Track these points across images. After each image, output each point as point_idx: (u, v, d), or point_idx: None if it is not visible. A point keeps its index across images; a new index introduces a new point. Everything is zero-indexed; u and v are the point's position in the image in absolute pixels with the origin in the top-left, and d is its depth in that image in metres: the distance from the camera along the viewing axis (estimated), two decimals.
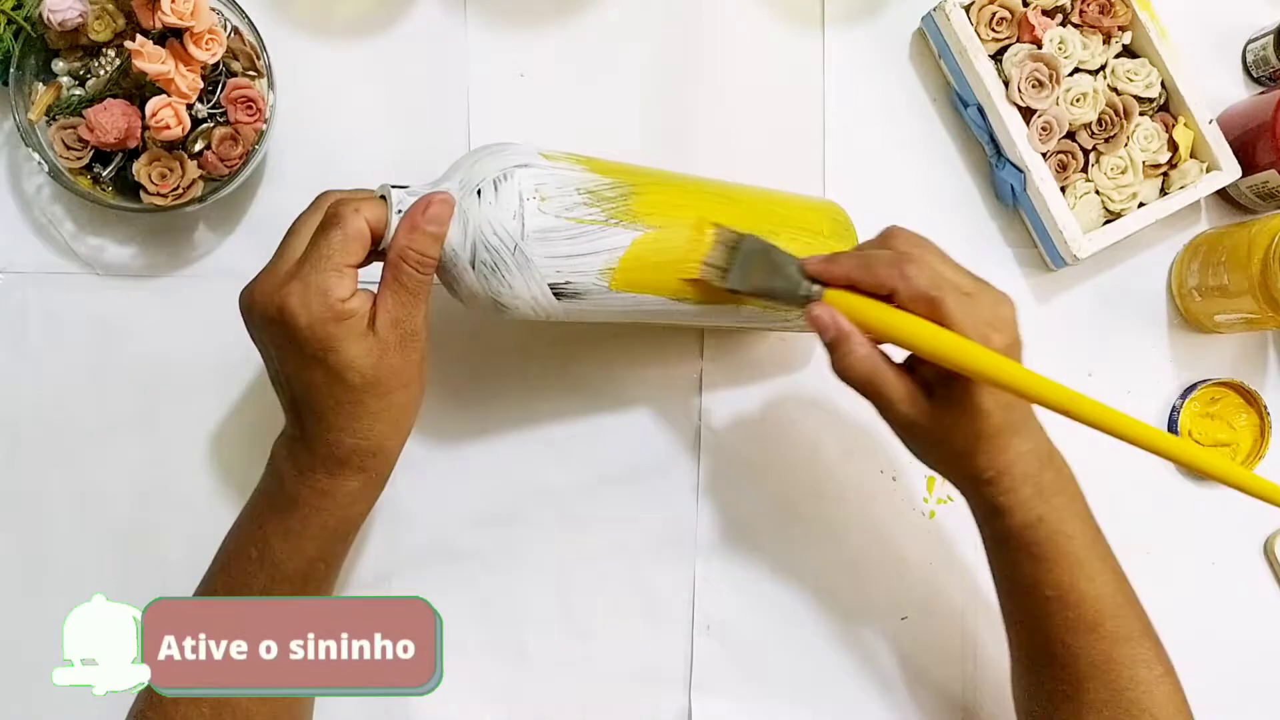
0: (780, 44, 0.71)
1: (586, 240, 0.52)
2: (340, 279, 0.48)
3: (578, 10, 0.70)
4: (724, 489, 0.69)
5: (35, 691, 0.65)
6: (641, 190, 0.55)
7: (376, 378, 0.49)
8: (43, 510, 0.66)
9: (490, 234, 0.50)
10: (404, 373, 0.50)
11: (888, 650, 0.70)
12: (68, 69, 0.61)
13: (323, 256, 0.48)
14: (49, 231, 0.66)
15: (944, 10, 0.68)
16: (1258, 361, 0.74)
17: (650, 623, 0.69)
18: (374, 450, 0.51)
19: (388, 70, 0.68)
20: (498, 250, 0.50)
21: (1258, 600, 0.73)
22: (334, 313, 0.48)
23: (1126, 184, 0.69)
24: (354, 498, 0.52)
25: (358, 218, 0.49)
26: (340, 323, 0.48)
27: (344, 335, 0.48)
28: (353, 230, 0.49)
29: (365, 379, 0.49)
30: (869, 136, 0.72)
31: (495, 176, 0.51)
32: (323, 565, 0.53)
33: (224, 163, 0.61)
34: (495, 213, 0.50)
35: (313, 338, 0.48)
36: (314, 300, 0.48)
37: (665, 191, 0.56)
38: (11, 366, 0.66)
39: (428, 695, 0.49)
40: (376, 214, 0.50)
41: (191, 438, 0.66)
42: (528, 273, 0.51)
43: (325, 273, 0.48)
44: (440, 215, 0.50)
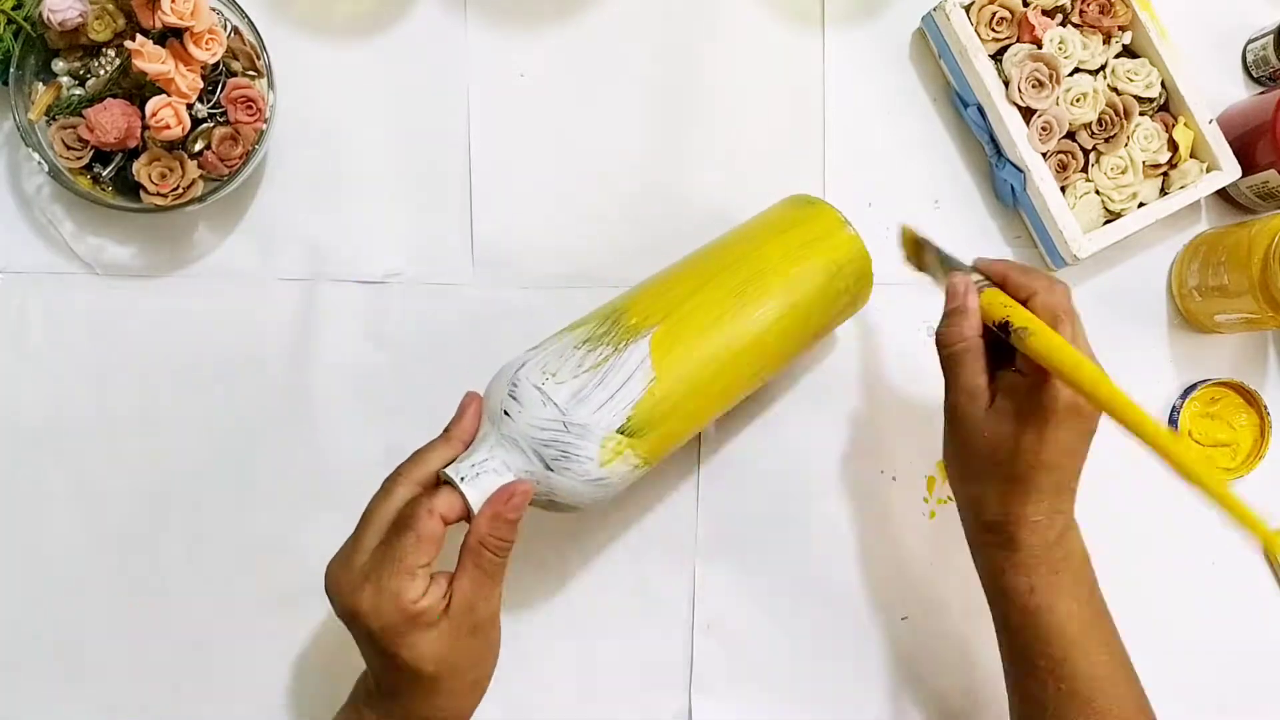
0: (780, 44, 0.71)
1: (614, 375, 0.53)
2: (412, 581, 0.49)
3: (578, 10, 0.70)
4: (724, 489, 0.69)
5: (35, 692, 0.65)
6: (624, 308, 0.57)
7: (453, 664, 0.50)
8: (43, 510, 0.66)
9: (539, 432, 0.52)
10: (478, 653, 0.52)
11: (887, 650, 0.70)
12: (68, 69, 0.61)
13: (395, 559, 0.49)
14: (49, 231, 0.66)
15: (944, 10, 0.68)
16: (1258, 361, 0.74)
17: (650, 623, 0.69)
18: (449, 717, 0.52)
19: (388, 70, 0.68)
20: (555, 440, 0.52)
21: (1258, 600, 0.73)
22: (406, 615, 0.49)
23: (1126, 184, 0.69)
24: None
25: (432, 519, 0.50)
26: (416, 624, 0.49)
27: (416, 632, 0.49)
28: (426, 533, 0.50)
29: (439, 667, 0.50)
30: (869, 136, 0.72)
31: (508, 391, 0.53)
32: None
33: (224, 163, 0.61)
34: (529, 415, 0.52)
35: (385, 639, 0.49)
36: (386, 604, 0.48)
37: (646, 295, 0.58)
38: (11, 366, 0.66)
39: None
40: (448, 506, 0.51)
41: (191, 437, 0.66)
42: (590, 436, 0.52)
43: (398, 576, 0.49)
44: (521, 504, 0.51)
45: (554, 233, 0.69)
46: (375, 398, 0.67)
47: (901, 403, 0.71)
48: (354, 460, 0.66)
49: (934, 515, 0.71)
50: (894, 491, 0.71)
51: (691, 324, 0.57)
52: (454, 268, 0.68)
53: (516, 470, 0.52)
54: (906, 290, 0.70)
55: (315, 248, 0.67)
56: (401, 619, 0.49)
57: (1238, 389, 0.72)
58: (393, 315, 0.68)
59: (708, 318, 0.57)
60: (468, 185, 0.69)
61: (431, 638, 0.49)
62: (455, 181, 0.69)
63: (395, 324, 0.68)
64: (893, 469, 0.71)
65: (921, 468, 0.71)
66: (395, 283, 0.68)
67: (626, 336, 0.55)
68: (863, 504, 0.70)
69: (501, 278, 0.69)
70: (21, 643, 0.65)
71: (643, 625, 0.69)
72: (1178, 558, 0.72)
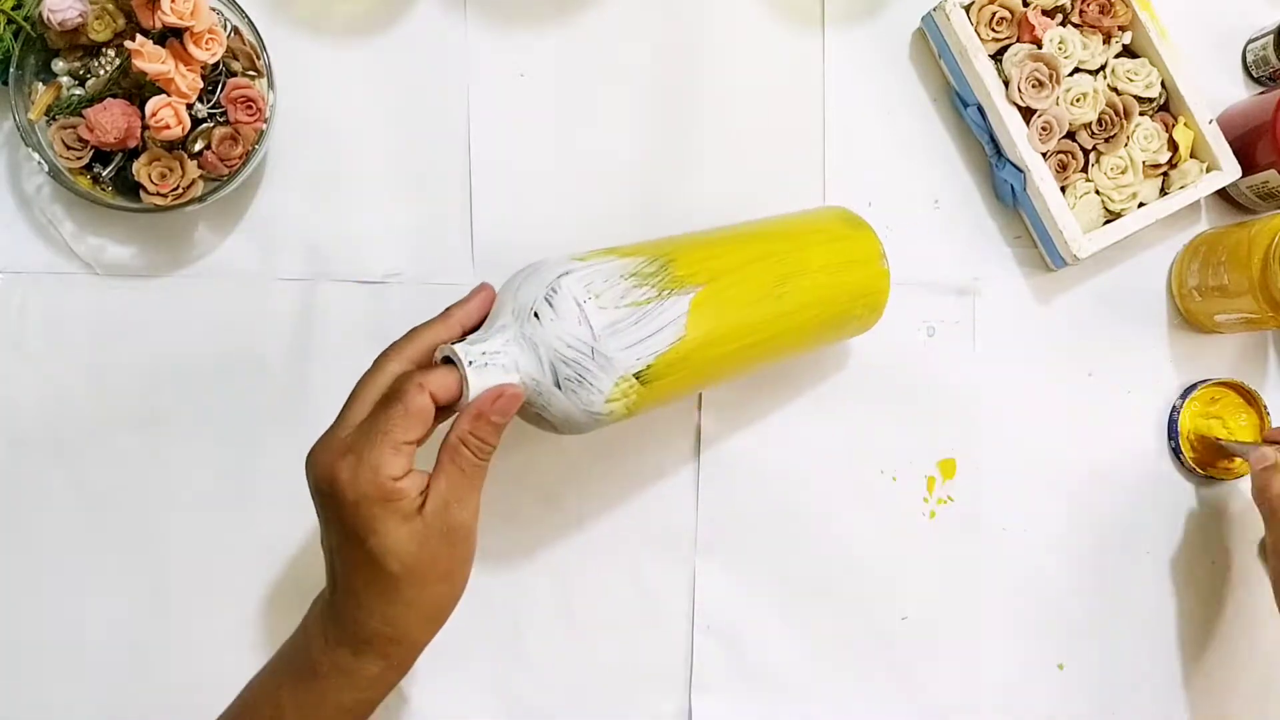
0: (780, 44, 0.71)
1: (651, 319, 0.52)
2: (395, 456, 0.47)
3: (578, 10, 0.70)
4: (724, 489, 0.69)
5: (35, 692, 0.65)
6: (674, 256, 0.56)
7: (416, 566, 0.48)
8: (43, 510, 0.66)
9: (565, 348, 0.50)
10: (445, 564, 0.49)
11: (887, 650, 0.70)
12: (68, 69, 0.61)
13: (380, 431, 0.47)
14: (49, 231, 0.66)
15: (944, 10, 0.68)
16: (1258, 361, 0.74)
17: (650, 623, 0.69)
18: (399, 639, 0.50)
19: (388, 70, 0.68)
20: (577, 361, 0.50)
21: (1258, 600, 0.73)
22: (383, 492, 0.47)
23: (1126, 184, 0.69)
24: (372, 682, 0.50)
25: (422, 394, 0.48)
26: (388, 503, 0.47)
27: (389, 517, 0.47)
28: (415, 407, 0.47)
29: (404, 566, 0.47)
30: (869, 136, 0.72)
31: (544, 294, 0.51)
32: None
33: (224, 162, 0.61)
34: (560, 327, 0.50)
35: (357, 516, 0.47)
36: (365, 476, 0.46)
37: (696, 250, 0.57)
38: (11, 366, 0.66)
39: (426, 691, 0.48)
40: (441, 385, 0.49)
41: (191, 438, 0.66)
42: (611, 371, 0.51)
43: (382, 449, 0.47)
44: (509, 409, 0.49)
45: (554, 232, 0.69)
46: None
47: (901, 403, 0.71)
48: None
49: (934, 515, 0.71)
50: (894, 491, 0.71)
51: (731, 296, 0.56)
52: (454, 268, 0.68)
53: (524, 374, 0.50)
54: (907, 290, 0.70)
55: (315, 248, 0.67)
56: (378, 495, 0.46)
57: (1237, 389, 0.72)
58: (393, 315, 0.68)
59: (747, 296, 0.57)
60: (468, 185, 0.69)
61: (403, 531, 0.47)
62: (455, 181, 0.68)
63: (395, 324, 0.68)
64: (893, 469, 0.71)
65: (921, 468, 0.71)
66: (395, 283, 0.68)
67: (673, 286, 0.54)
68: (863, 504, 0.70)
69: (502, 277, 0.68)
70: (21, 643, 0.65)
71: (643, 625, 0.69)
72: (1178, 558, 0.73)
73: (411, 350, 0.52)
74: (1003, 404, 0.72)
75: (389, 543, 0.47)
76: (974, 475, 0.71)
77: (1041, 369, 0.73)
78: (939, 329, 0.72)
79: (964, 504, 0.71)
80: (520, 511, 0.68)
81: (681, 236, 0.60)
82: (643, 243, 0.57)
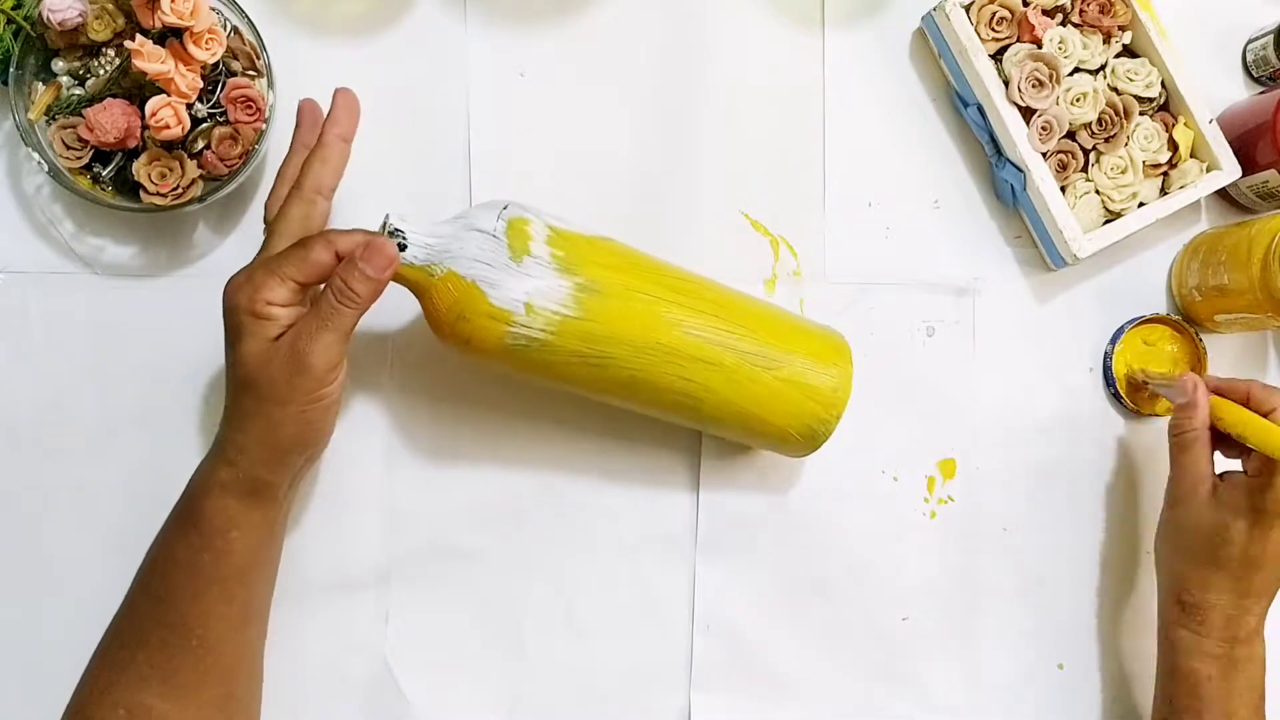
0: (780, 44, 0.71)
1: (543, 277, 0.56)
2: (279, 285, 0.53)
3: (578, 10, 0.70)
4: (724, 489, 0.69)
5: (35, 692, 0.65)
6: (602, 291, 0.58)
7: (257, 380, 0.53)
8: (43, 510, 0.66)
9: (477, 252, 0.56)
10: (284, 390, 0.53)
11: (888, 650, 0.70)
12: (68, 69, 0.61)
13: (275, 262, 0.53)
14: (49, 231, 0.66)
15: (944, 10, 0.68)
16: (1258, 361, 0.74)
17: (650, 623, 0.69)
18: (242, 447, 0.54)
19: (388, 70, 0.68)
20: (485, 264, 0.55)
21: None
22: (254, 309, 0.52)
23: (1126, 184, 0.69)
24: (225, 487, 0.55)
25: (326, 251, 0.53)
26: (255, 319, 0.53)
27: (251, 332, 0.53)
28: (313, 258, 0.53)
29: (248, 375, 0.53)
30: (869, 136, 0.72)
31: (497, 215, 0.57)
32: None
33: (224, 162, 0.61)
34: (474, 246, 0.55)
35: (230, 323, 0.54)
36: (245, 290, 0.53)
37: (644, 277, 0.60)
38: (11, 366, 0.66)
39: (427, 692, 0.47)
40: (349, 244, 0.54)
41: (191, 438, 0.66)
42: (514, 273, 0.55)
43: (269, 275, 0.53)
44: (374, 260, 0.53)
45: None
46: (375, 397, 0.67)
47: (901, 403, 0.71)
48: (353, 459, 0.66)
49: (934, 515, 0.71)
50: (894, 491, 0.71)
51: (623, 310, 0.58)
52: None
53: (433, 258, 0.55)
54: (907, 290, 0.70)
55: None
56: (249, 306, 0.52)
57: (1167, 322, 0.72)
58: (392, 314, 0.68)
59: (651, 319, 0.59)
60: (468, 185, 0.69)
61: (255, 346, 0.53)
62: (455, 181, 0.68)
63: (394, 322, 0.68)
64: (893, 469, 0.71)
65: (921, 468, 0.71)
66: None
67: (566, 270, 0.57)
68: (863, 504, 0.70)
69: None
70: (22, 643, 0.65)
71: (643, 625, 0.69)
72: None
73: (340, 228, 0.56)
74: (1003, 404, 0.72)
75: (242, 352, 0.53)
76: (974, 475, 0.71)
77: (1041, 369, 0.73)
78: (939, 329, 0.72)
79: (964, 504, 0.71)
80: (521, 511, 0.68)
81: (668, 271, 0.61)
82: (637, 251, 0.60)
